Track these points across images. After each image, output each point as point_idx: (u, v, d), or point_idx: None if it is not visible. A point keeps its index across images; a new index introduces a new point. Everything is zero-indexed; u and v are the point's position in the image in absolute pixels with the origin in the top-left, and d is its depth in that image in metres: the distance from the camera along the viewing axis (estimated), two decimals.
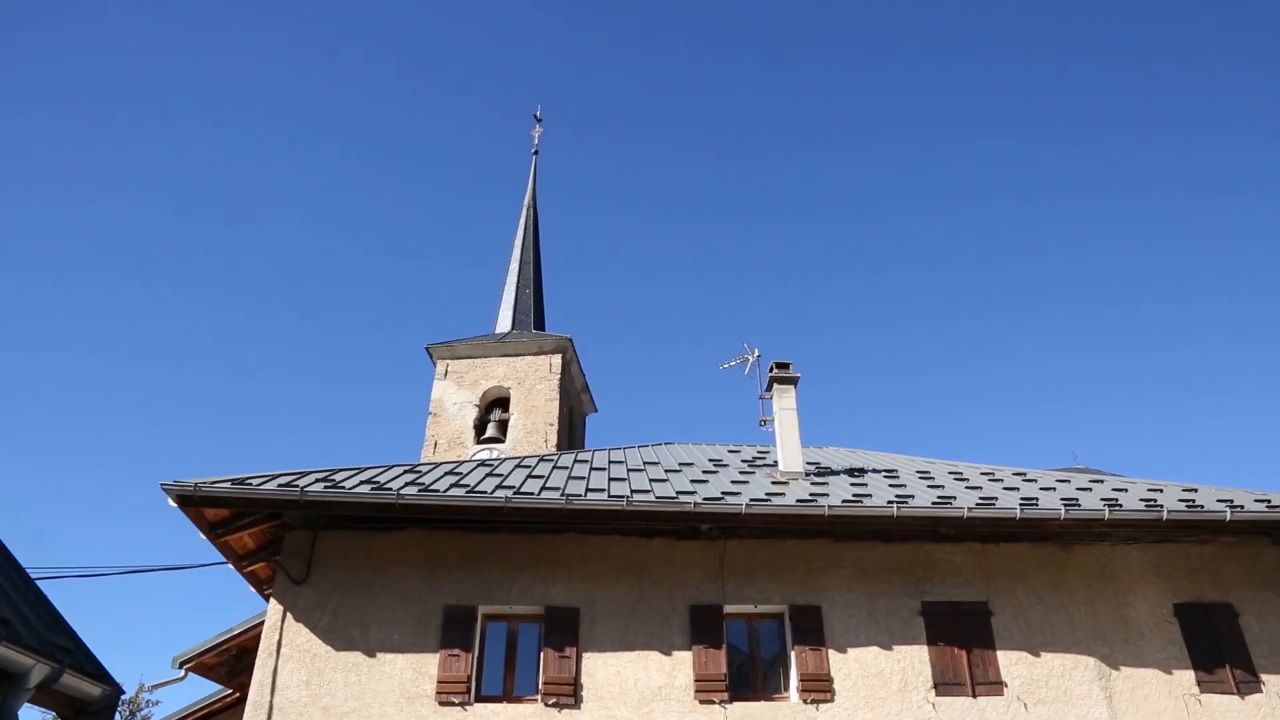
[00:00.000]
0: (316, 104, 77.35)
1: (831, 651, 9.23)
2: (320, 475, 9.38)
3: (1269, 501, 9.93)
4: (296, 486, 8.76)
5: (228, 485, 8.60)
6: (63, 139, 68.19)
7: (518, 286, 25.64)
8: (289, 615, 8.98)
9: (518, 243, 26.93)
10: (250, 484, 8.72)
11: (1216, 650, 9.61)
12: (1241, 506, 9.60)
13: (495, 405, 21.82)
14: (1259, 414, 67.43)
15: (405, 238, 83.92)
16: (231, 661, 11.31)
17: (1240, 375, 69.81)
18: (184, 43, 68.66)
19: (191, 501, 8.47)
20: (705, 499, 9.27)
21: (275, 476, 9.12)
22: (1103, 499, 9.99)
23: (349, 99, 78.11)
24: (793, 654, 9.23)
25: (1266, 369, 67.86)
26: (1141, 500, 9.99)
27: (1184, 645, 9.59)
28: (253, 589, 10.29)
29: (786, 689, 9.20)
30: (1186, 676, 9.43)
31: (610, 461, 11.83)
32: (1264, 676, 9.51)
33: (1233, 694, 9.38)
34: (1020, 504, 9.51)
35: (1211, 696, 9.35)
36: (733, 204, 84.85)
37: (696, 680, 8.95)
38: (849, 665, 9.18)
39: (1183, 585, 9.98)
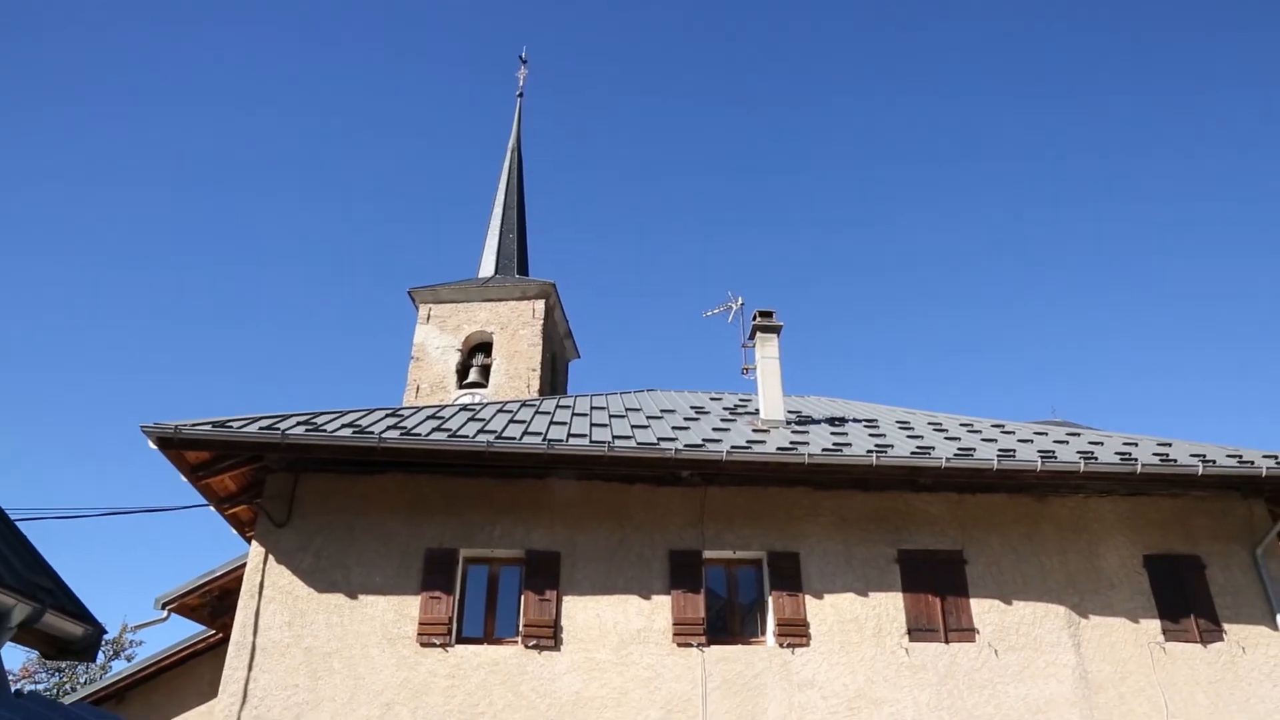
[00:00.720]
0: (297, 46, 75.77)
1: (808, 597, 9.38)
2: (302, 418, 9.35)
3: (1240, 457, 10.09)
4: (278, 429, 8.73)
5: (208, 428, 8.56)
6: (42, 107, 66.58)
7: (501, 231, 25.41)
8: (271, 557, 9.02)
9: (501, 186, 26.63)
10: (231, 426, 8.69)
11: (1183, 600, 9.84)
12: (1214, 461, 9.75)
13: (478, 350, 21.76)
14: (1236, 369, 68.22)
15: (388, 180, 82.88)
16: (214, 603, 11.38)
17: (1219, 332, 70.43)
18: None
19: (172, 444, 8.44)
20: (686, 445, 9.32)
21: (256, 419, 9.08)
22: (1079, 452, 10.11)
23: (329, 41, 76.54)
24: (770, 599, 9.38)
25: (1245, 326, 68.49)
26: (1117, 454, 10.12)
27: (1152, 595, 9.82)
28: (234, 531, 10.31)
29: (763, 633, 9.36)
30: (1153, 625, 9.68)
31: (592, 407, 11.85)
32: (1226, 626, 9.76)
33: (1196, 642, 9.64)
34: (998, 455, 9.62)
35: (1176, 645, 9.60)
36: (718, 153, 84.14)
37: (675, 624, 9.08)
38: (825, 611, 9.34)
39: (1153, 537, 10.18)
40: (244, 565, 9.34)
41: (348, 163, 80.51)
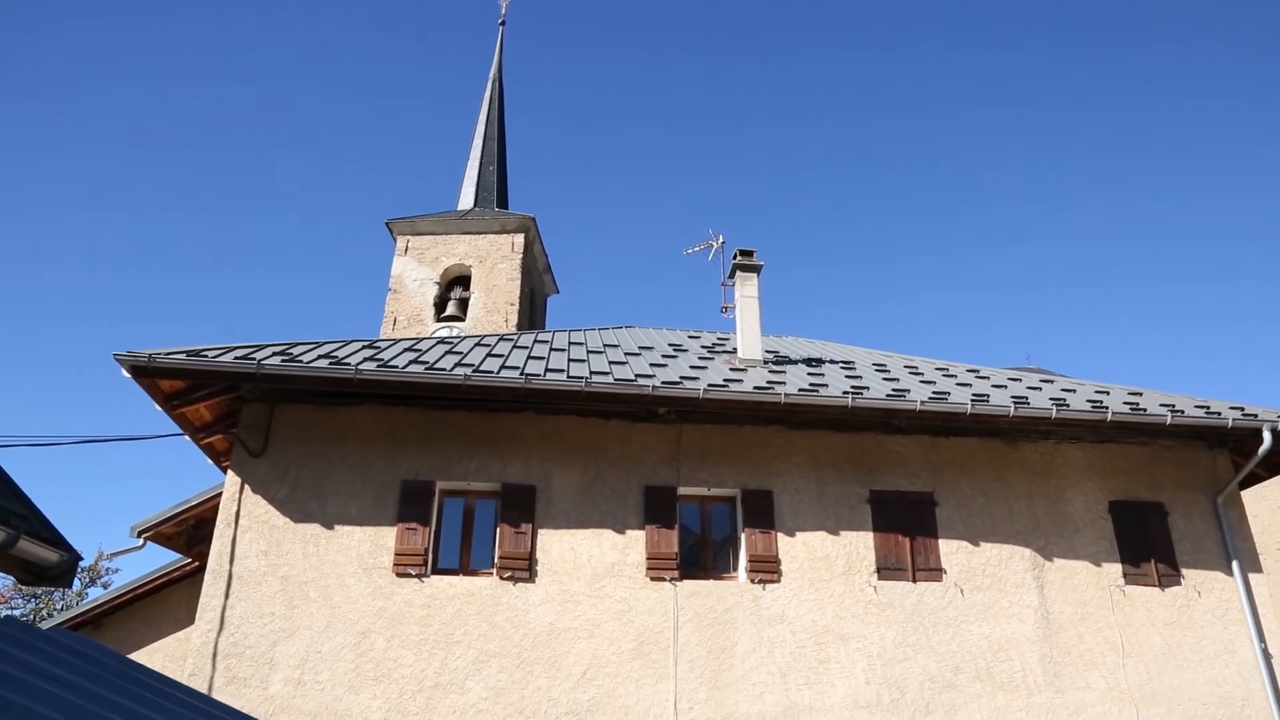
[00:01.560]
0: None
1: (780, 535, 9.53)
2: (277, 349, 9.29)
3: (1208, 408, 10.26)
4: (253, 359, 8.68)
5: (183, 357, 8.49)
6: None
7: (481, 162, 25.07)
8: (247, 487, 9.03)
9: (481, 117, 26.19)
10: (206, 356, 8.62)
11: (1144, 546, 10.09)
12: (1182, 411, 9.92)
13: (456, 283, 21.62)
14: (1213, 322, 69.01)
15: (368, 106, 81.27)
16: (190, 531, 11.41)
17: (1194, 278, 71.01)
18: None
19: (146, 373, 8.37)
20: (664, 382, 9.35)
21: (232, 349, 9.02)
22: (1051, 398, 10.24)
23: None
24: (743, 536, 9.52)
25: (1219, 272, 69.08)
26: (1088, 401, 10.26)
27: (1115, 540, 10.06)
28: (210, 461, 10.29)
29: (735, 569, 9.52)
30: (1114, 569, 9.93)
31: (570, 343, 11.83)
32: (1184, 571, 10.04)
33: (1154, 586, 9.91)
34: (972, 400, 9.72)
35: (1135, 588, 9.87)
36: (703, 93, 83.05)
37: (649, 558, 9.21)
38: (796, 548, 9.50)
39: (1119, 484, 10.38)
40: (220, 495, 9.34)
41: (323, 89, 78.83)
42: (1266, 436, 9.77)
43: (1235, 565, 10.08)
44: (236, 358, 8.71)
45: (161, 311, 70.88)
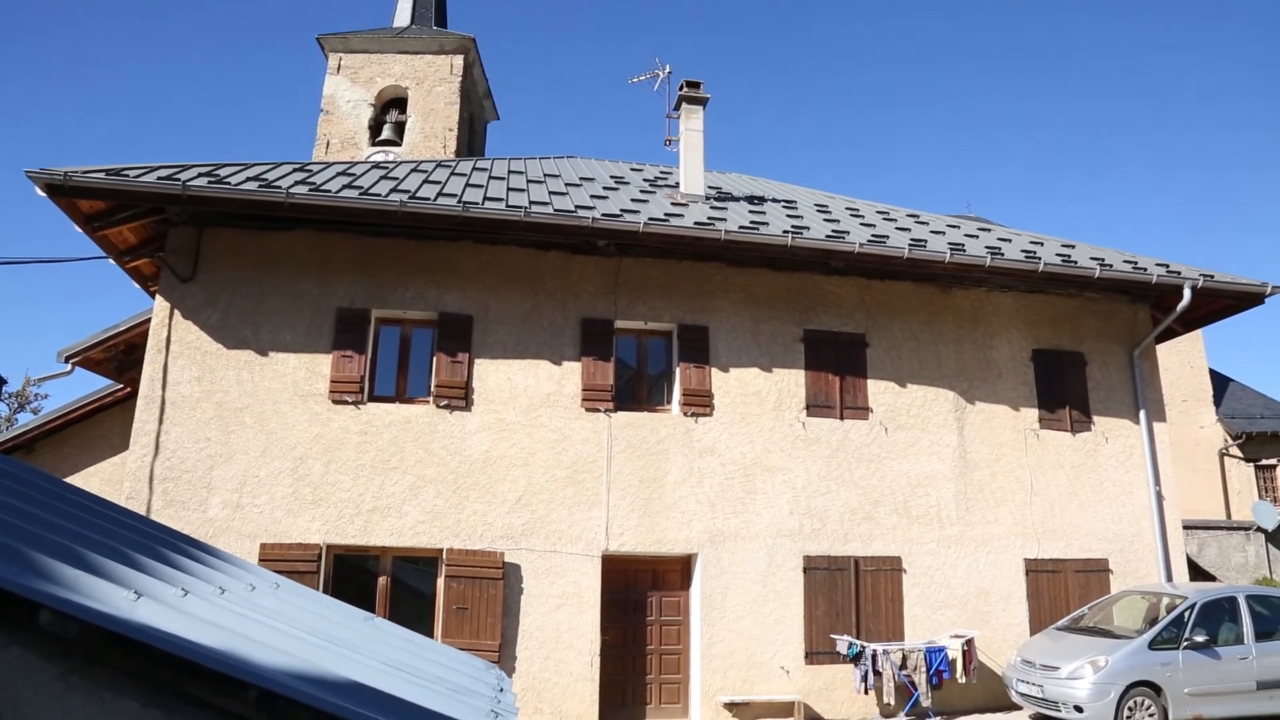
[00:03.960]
0: None
1: (714, 370, 9.73)
2: (204, 169, 8.91)
3: (1135, 263, 10.54)
4: (178, 180, 8.32)
5: (102, 176, 8.11)
6: None
7: None
8: (177, 313, 8.87)
9: None
10: (127, 175, 8.24)
11: (1061, 393, 10.56)
12: (1111, 265, 10.17)
13: (392, 106, 20.78)
14: (1155, 182, 69.78)
15: None
16: (120, 357, 11.23)
17: (1141, 141, 71.37)
18: None
19: (63, 192, 8.00)
20: (604, 215, 9.26)
21: (154, 169, 8.62)
22: (987, 247, 10.39)
23: None
24: (677, 370, 9.70)
25: (1169, 138, 69.46)
26: (1022, 251, 10.44)
27: (1034, 387, 10.51)
28: (137, 285, 10.02)
29: (669, 402, 9.75)
30: (1031, 414, 10.42)
31: (510, 171, 11.57)
32: (1095, 418, 10.57)
33: (1066, 431, 10.45)
34: (909, 245, 9.82)
35: (1048, 432, 10.39)
36: None
37: (584, 390, 9.37)
38: (729, 383, 9.73)
39: (1044, 333, 10.73)
40: (149, 320, 9.16)
41: None
42: (1186, 293, 10.11)
43: (1142, 414, 10.63)
44: (160, 178, 8.35)
45: (81, 129, 67.11)
